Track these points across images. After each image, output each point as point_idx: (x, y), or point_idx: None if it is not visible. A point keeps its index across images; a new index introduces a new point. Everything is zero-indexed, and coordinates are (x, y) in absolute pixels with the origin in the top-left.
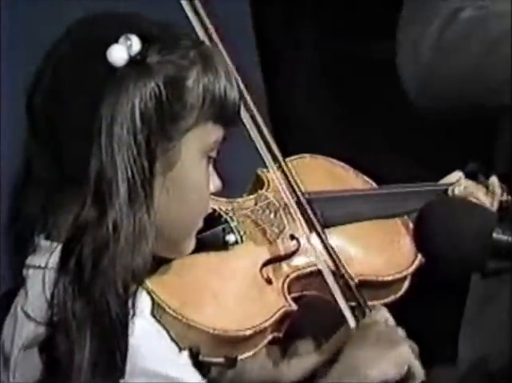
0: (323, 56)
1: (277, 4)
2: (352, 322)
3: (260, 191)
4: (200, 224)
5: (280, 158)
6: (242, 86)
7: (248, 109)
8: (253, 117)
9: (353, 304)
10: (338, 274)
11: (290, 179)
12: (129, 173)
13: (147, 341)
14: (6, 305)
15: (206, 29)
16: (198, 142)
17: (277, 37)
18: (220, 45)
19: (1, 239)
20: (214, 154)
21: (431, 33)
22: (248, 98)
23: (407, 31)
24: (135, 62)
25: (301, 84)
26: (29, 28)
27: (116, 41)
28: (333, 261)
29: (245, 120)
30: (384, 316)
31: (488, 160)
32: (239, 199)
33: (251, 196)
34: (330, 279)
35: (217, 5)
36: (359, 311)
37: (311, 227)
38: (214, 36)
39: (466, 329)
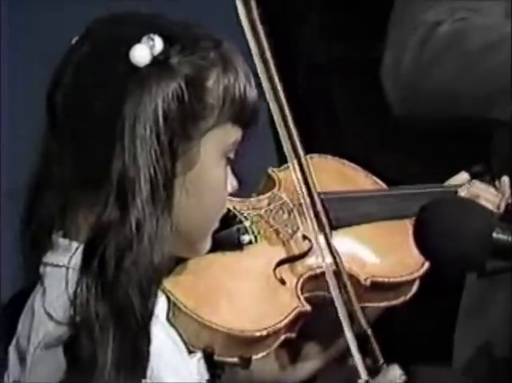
0: (325, 55)
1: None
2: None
3: (274, 191)
4: (216, 224)
5: (301, 153)
6: (276, 79)
7: (278, 103)
8: (281, 110)
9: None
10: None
11: (307, 176)
12: (152, 173)
13: (164, 350)
14: (20, 303)
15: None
16: (217, 142)
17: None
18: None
19: (8, 239)
20: (232, 155)
21: (411, 49)
22: (280, 91)
23: (389, 45)
24: (157, 62)
25: (303, 85)
26: (29, 29)
27: (138, 40)
28: (336, 265)
29: (273, 113)
30: (396, 375)
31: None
32: (253, 199)
33: (265, 196)
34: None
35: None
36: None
37: (321, 226)
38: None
39: (461, 328)
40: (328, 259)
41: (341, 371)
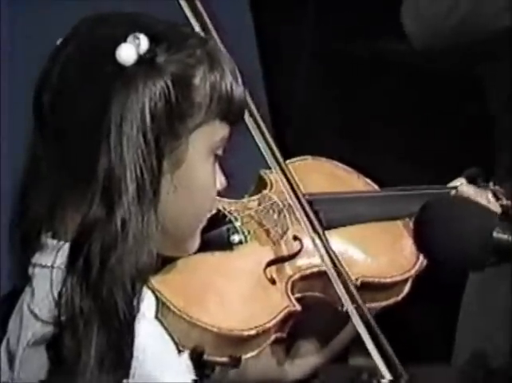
0: (324, 55)
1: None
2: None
3: (264, 192)
4: (205, 222)
5: (280, 159)
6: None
7: (250, 111)
8: (254, 118)
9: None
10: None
11: (292, 181)
12: (138, 172)
13: (150, 345)
14: (11, 303)
15: (204, 28)
16: (205, 140)
17: (278, 36)
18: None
19: (7, 238)
20: (220, 152)
21: None
22: (249, 99)
23: None
24: (144, 61)
25: (302, 85)
26: (30, 28)
27: (124, 40)
28: (334, 265)
29: (247, 122)
30: None
31: (488, 165)
32: (243, 200)
33: (255, 197)
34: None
35: (217, 4)
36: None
37: (314, 228)
38: (214, 34)
39: (462, 325)
40: (325, 259)
41: (342, 371)
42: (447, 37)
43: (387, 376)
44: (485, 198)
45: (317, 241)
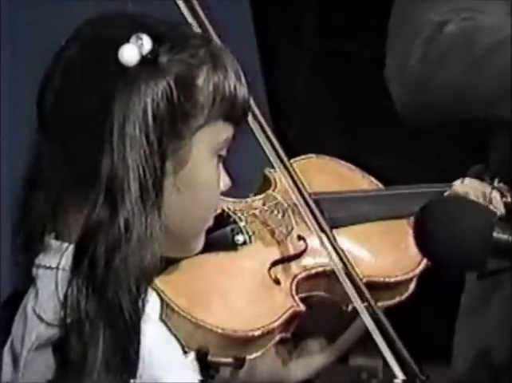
0: (324, 55)
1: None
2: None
3: (268, 192)
4: (210, 222)
5: (285, 159)
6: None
7: (252, 111)
8: (256, 119)
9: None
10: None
11: (297, 180)
12: (141, 173)
13: (156, 347)
14: (14, 305)
15: (203, 28)
16: (208, 140)
17: (278, 35)
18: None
19: (7, 238)
20: (224, 152)
21: (417, 49)
22: (251, 99)
23: (393, 46)
24: (146, 62)
25: (302, 84)
26: (30, 28)
27: (127, 40)
28: (343, 263)
29: (250, 122)
30: None
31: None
32: (247, 200)
33: (259, 197)
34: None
35: (217, 4)
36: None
37: (321, 228)
38: (212, 34)
39: (461, 327)
40: (334, 258)
41: (342, 371)
42: (437, 114)
43: (400, 375)
44: (485, 196)
45: (325, 240)
